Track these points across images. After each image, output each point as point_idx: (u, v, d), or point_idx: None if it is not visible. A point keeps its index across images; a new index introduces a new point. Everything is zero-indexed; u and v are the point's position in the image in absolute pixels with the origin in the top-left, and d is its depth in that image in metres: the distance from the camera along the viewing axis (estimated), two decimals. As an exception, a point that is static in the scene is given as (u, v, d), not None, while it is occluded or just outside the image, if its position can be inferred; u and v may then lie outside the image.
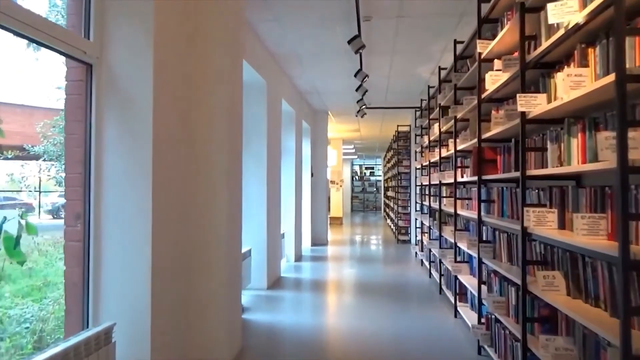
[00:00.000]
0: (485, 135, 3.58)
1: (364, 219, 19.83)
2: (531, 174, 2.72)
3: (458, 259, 4.77)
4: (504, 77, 3.15)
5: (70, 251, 2.86)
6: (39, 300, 3.31)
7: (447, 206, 5.11)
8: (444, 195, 5.81)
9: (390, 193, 15.32)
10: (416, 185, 8.84)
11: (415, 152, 8.84)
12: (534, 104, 2.56)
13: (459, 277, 4.54)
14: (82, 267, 2.82)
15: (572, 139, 2.28)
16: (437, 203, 6.08)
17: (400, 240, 10.90)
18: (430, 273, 6.73)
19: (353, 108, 9.18)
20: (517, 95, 2.60)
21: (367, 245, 10.77)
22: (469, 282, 4.27)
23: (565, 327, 2.44)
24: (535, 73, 2.77)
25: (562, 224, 2.50)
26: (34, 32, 2.33)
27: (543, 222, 2.51)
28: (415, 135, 8.89)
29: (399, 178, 11.29)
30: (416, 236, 8.78)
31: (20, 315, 3.12)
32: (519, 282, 2.79)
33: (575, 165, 2.25)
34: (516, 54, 2.94)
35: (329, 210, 16.48)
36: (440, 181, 5.67)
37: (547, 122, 2.63)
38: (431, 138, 6.52)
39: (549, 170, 2.48)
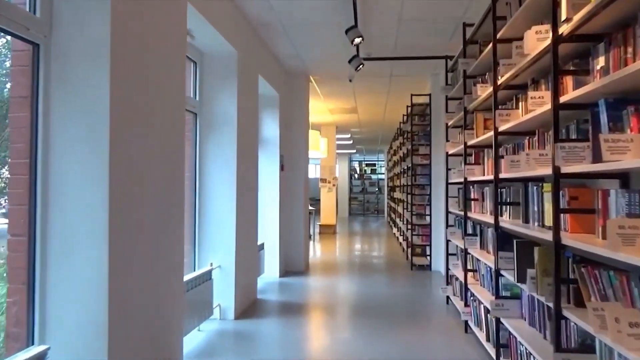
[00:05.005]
0: None
1: (364, 226, 16.25)
2: None
3: None
4: None
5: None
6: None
7: (595, 242, 1.59)
8: (565, 206, 2.24)
9: (397, 194, 11.76)
10: (447, 184, 5.31)
11: (447, 127, 5.29)
12: None
13: None
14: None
15: None
16: (534, 223, 2.57)
17: (415, 266, 7.34)
18: (497, 367, 3.18)
19: (343, 65, 5.64)
20: None
21: (367, 275, 7.19)
22: None
23: None
24: None
25: None
26: None
27: None
28: (447, 99, 5.35)
29: (413, 173, 7.74)
30: (447, 268, 5.25)
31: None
32: None
33: None
34: None
35: (318, 215, 12.94)
36: (559, 170, 2.12)
37: None
38: (501, 80, 2.99)
39: None
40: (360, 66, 5.29)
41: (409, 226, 7.87)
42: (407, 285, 6.22)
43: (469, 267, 4.23)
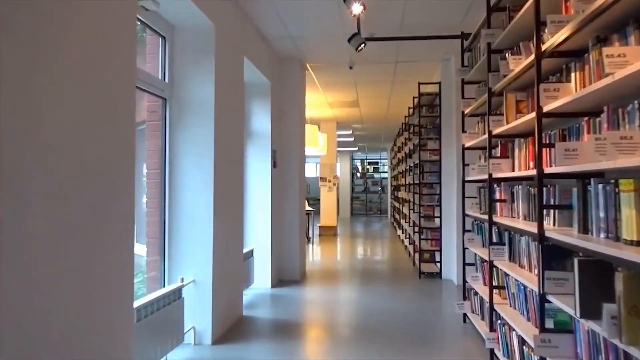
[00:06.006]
0: None
1: (367, 227, 15.51)
2: None
3: None
4: None
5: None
6: None
7: None
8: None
9: (401, 194, 11.03)
10: (464, 182, 4.56)
11: (463, 115, 4.55)
12: None
13: None
14: None
15: None
16: (598, 234, 1.83)
17: (424, 274, 6.61)
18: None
19: (342, 50, 4.90)
20: None
21: (370, 284, 6.45)
22: None
23: None
24: None
25: None
26: None
27: None
28: (463, 83, 4.59)
29: (421, 171, 7.00)
30: (464, 281, 4.52)
31: None
32: None
33: None
34: None
35: (317, 216, 12.22)
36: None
37: None
38: (547, 44, 2.25)
39: None
40: (362, 46, 4.54)
41: (416, 229, 7.13)
42: (415, 298, 5.47)
43: (494, 282, 3.48)
